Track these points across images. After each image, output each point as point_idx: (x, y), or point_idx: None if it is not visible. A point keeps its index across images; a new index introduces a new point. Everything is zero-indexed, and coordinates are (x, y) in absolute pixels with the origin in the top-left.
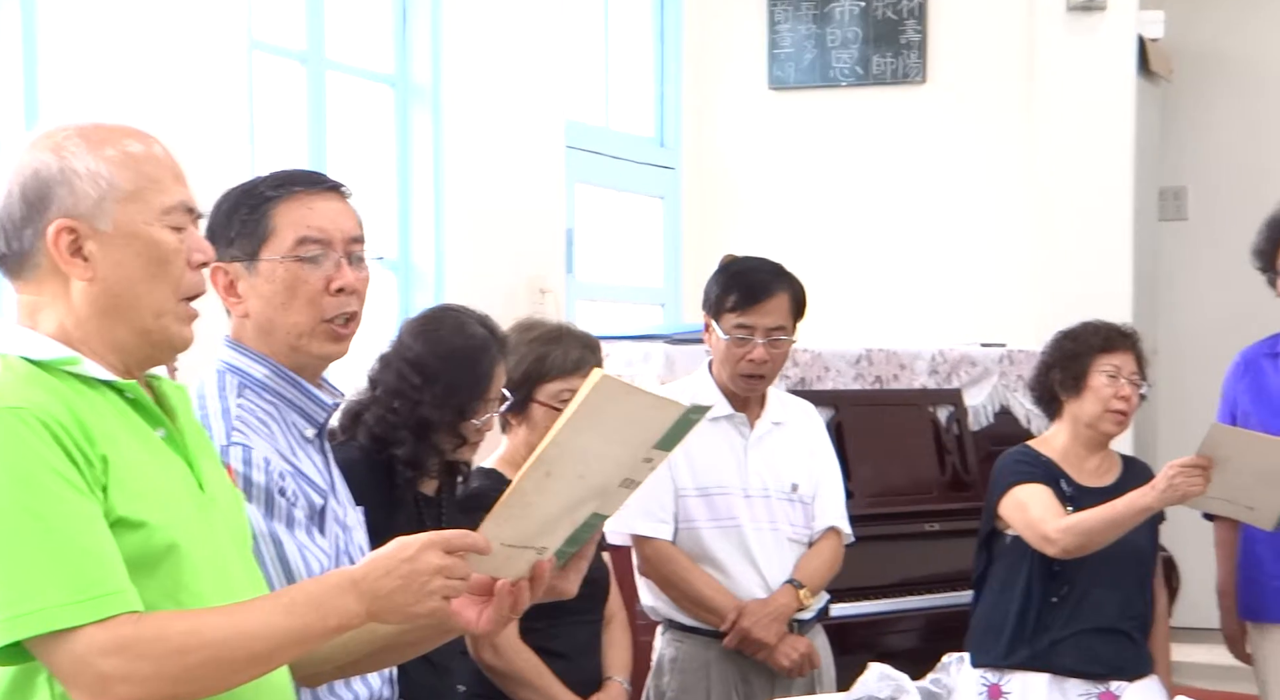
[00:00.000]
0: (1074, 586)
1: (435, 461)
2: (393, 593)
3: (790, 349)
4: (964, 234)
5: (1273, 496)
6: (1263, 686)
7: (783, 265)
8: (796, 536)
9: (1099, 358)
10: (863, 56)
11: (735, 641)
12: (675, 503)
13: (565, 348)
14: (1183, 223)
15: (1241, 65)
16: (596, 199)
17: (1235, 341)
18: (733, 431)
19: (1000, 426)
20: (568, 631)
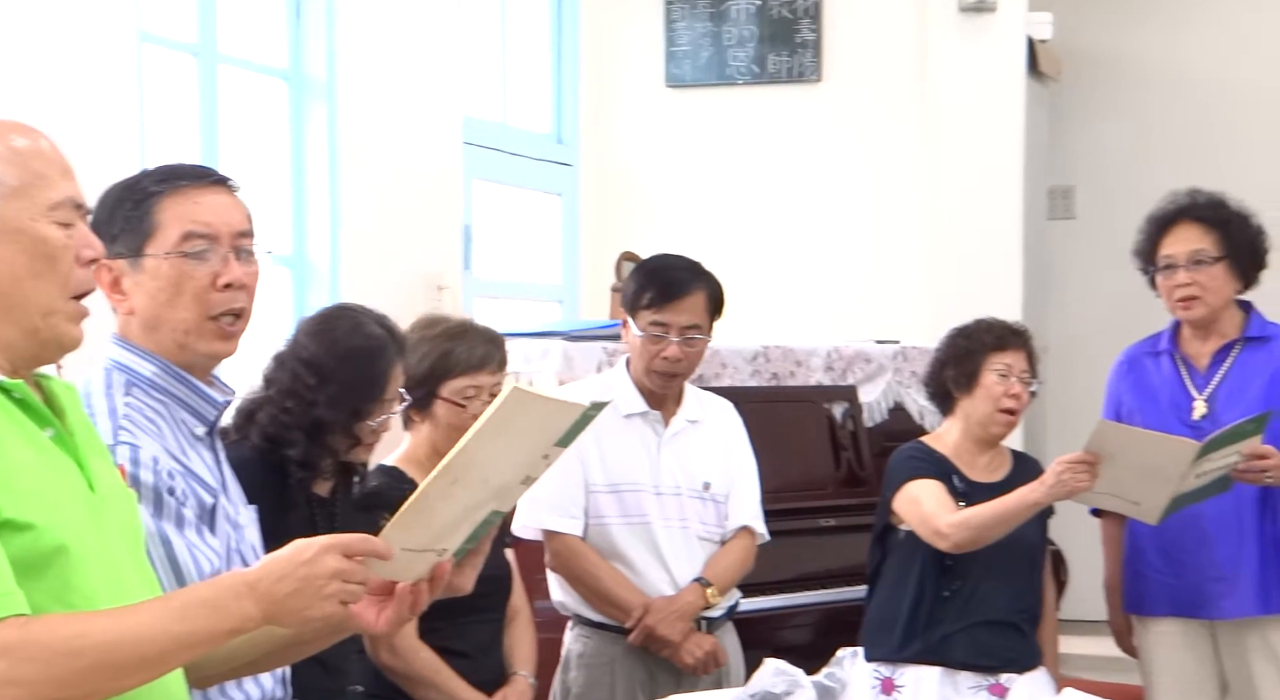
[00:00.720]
0: (966, 581)
1: (329, 462)
2: (289, 597)
3: (706, 348)
4: (858, 232)
5: (1157, 492)
6: (1147, 678)
7: (701, 264)
8: (707, 535)
9: (991, 356)
10: (759, 55)
11: (640, 639)
12: (586, 498)
13: (469, 344)
14: (1071, 221)
15: (1127, 66)
16: (494, 195)
17: (1122, 339)
18: (647, 428)
19: (894, 422)
20: (469, 630)
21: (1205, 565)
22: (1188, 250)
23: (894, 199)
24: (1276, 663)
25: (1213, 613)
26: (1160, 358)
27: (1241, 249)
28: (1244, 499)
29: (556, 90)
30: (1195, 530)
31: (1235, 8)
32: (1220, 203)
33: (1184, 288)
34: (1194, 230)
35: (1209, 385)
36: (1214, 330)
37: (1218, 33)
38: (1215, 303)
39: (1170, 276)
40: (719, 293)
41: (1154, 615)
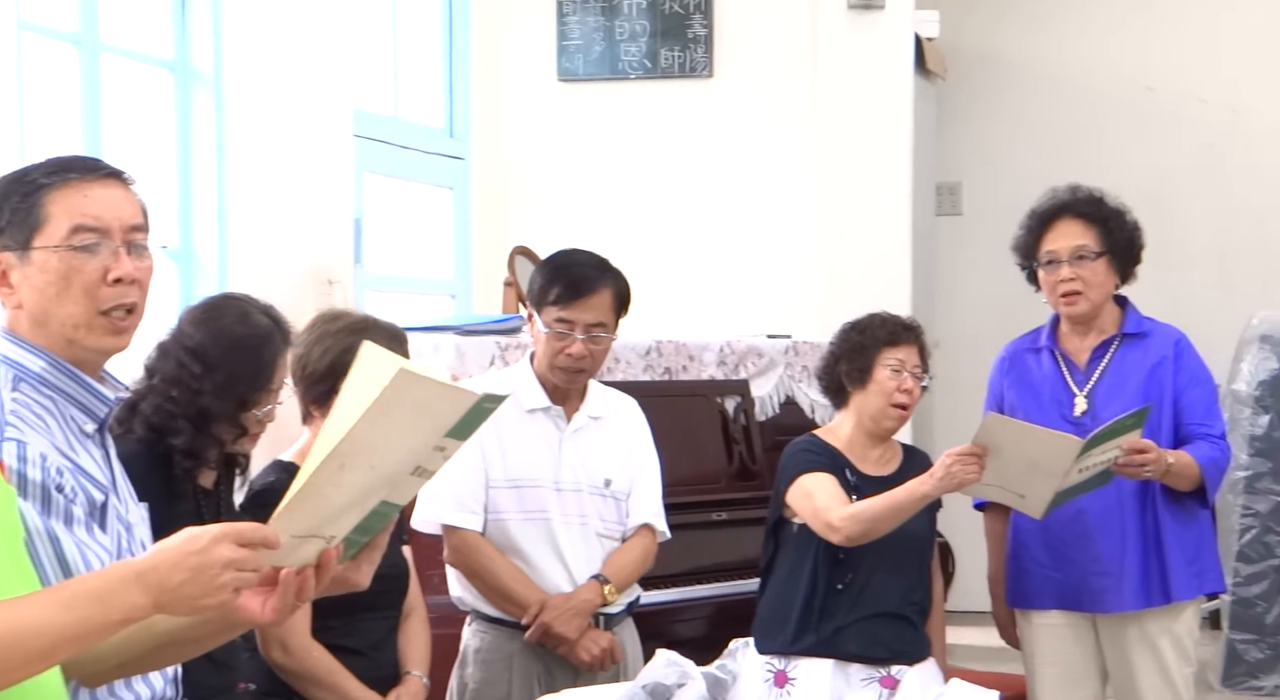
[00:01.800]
0: (857, 574)
1: (214, 453)
2: (181, 585)
3: (611, 345)
4: (749, 227)
5: (1042, 485)
6: (1030, 670)
7: (608, 261)
8: (607, 532)
9: (884, 351)
10: (651, 50)
11: (536, 635)
12: (485, 493)
13: (371, 339)
14: (958, 217)
15: (1011, 64)
16: (385, 189)
17: (1008, 333)
18: (549, 424)
19: (786, 417)
20: (364, 627)
21: (1088, 560)
22: (1070, 246)
23: (784, 194)
24: (1155, 653)
25: (1095, 607)
26: (1041, 354)
27: (1120, 245)
28: (1125, 494)
29: (448, 83)
30: (1078, 525)
31: (1117, 9)
32: (1099, 199)
33: (1067, 282)
34: (1076, 226)
35: (1089, 382)
36: (1093, 326)
37: (1100, 33)
38: (1097, 298)
39: (1053, 272)
40: (626, 291)
41: (1037, 608)
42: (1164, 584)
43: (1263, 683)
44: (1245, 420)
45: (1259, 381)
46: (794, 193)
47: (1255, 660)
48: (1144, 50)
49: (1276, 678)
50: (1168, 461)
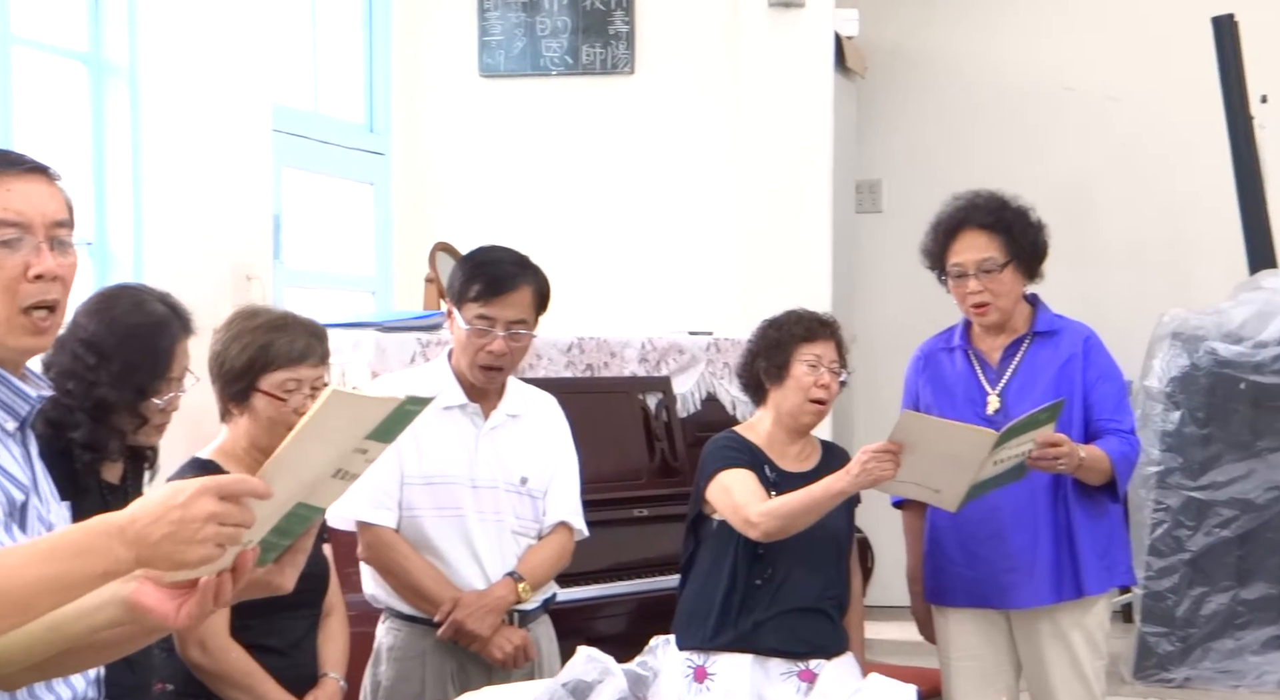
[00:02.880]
0: (776, 569)
1: (116, 444)
2: (162, 540)
3: (531, 343)
4: (671, 224)
5: (957, 479)
6: (944, 665)
7: (528, 258)
8: (523, 530)
9: (801, 347)
10: (572, 46)
11: (449, 633)
12: (400, 490)
13: (290, 336)
14: (878, 215)
15: (929, 63)
16: (305, 184)
17: (927, 330)
18: (466, 421)
19: (707, 413)
20: (283, 626)
21: (1000, 557)
22: (976, 258)
23: (706, 191)
24: (1067, 647)
25: (1007, 603)
26: (954, 353)
27: (1025, 250)
28: (1037, 491)
29: (368, 78)
30: (991, 523)
31: (1033, 9)
32: (1001, 204)
33: (976, 295)
34: (980, 238)
35: (1001, 380)
36: (1005, 326)
37: (1017, 33)
38: (1006, 306)
39: (962, 284)
40: (546, 288)
41: (951, 605)
42: (1075, 578)
43: (1173, 675)
44: (1157, 416)
45: (1170, 378)
46: (715, 190)
47: (1166, 652)
48: (1061, 50)
49: (1186, 670)
50: (1080, 455)
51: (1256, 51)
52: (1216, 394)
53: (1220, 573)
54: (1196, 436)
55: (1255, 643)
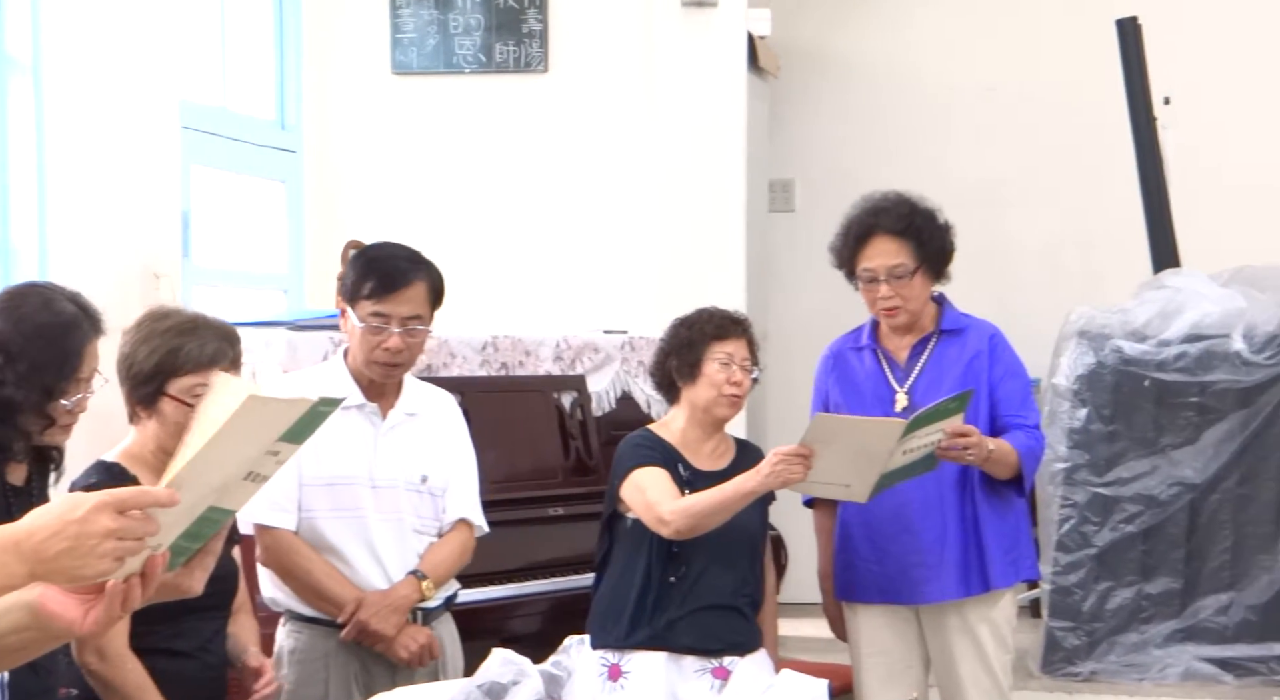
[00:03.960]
0: (690, 566)
1: (21, 445)
2: (60, 555)
3: (427, 338)
4: (585, 222)
5: (867, 470)
6: (855, 661)
7: (421, 253)
8: (424, 528)
9: (713, 345)
10: (485, 44)
11: (353, 633)
12: (299, 492)
13: (200, 340)
14: (790, 214)
15: (843, 62)
16: (214, 181)
17: (839, 327)
18: (363, 421)
19: (622, 411)
20: (192, 629)
21: (909, 552)
22: (887, 265)
23: (620, 190)
24: (975, 641)
25: (916, 598)
26: (863, 352)
27: (934, 254)
28: (945, 486)
29: (279, 75)
30: (900, 519)
31: (943, 10)
32: (910, 209)
33: (887, 300)
34: (890, 244)
35: (909, 378)
36: (912, 326)
37: (926, 33)
38: (916, 308)
39: (873, 289)
40: (440, 282)
41: (862, 601)
42: (983, 573)
43: (1079, 668)
44: (1064, 413)
45: (1077, 375)
46: (629, 188)
47: (1072, 646)
48: (970, 51)
49: (1092, 663)
50: (989, 447)
51: (1160, 53)
52: (1122, 391)
53: (1125, 568)
54: (1102, 433)
55: (1159, 636)
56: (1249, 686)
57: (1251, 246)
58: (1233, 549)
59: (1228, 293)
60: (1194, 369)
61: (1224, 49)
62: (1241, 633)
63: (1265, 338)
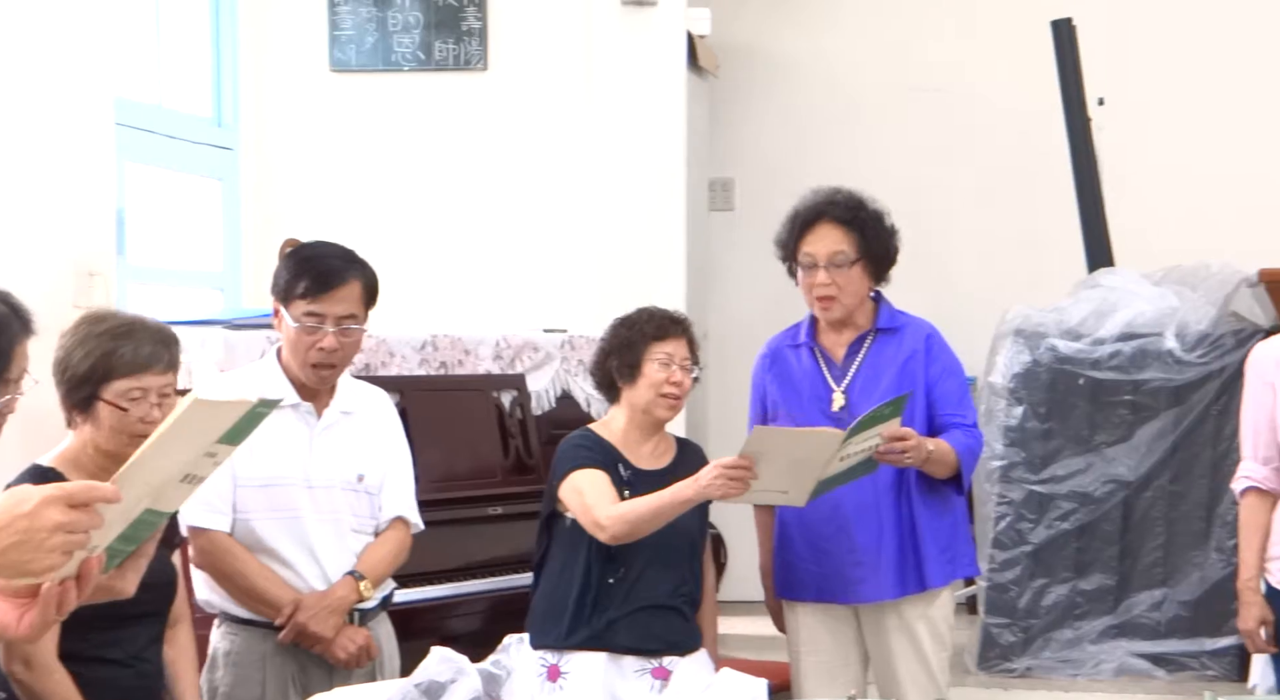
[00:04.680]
0: (630, 567)
1: None
2: (8, 549)
3: (362, 337)
4: (525, 221)
5: (805, 477)
6: (794, 660)
7: (355, 251)
8: (361, 527)
9: (653, 345)
10: (424, 42)
11: (291, 635)
12: (234, 493)
13: (136, 343)
14: (730, 213)
15: (782, 62)
16: (150, 179)
17: (779, 325)
18: (298, 421)
19: (562, 411)
20: (127, 636)
21: (845, 552)
22: (828, 251)
23: (560, 189)
24: (913, 640)
25: (853, 597)
26: (800, 350)
27: (876, 251)
28: (881, 486)
29: (215, 71)
30: (836, 519)
31: (882, 10)
32: (859, 204)
33: (823, 287)
34: (834, 232)
35: (845, 377)
36: (849, 323)
37: (866, 32)
38: (850, 302)
39: (811, 274)
40: (374, 281)
41: (800, 600)
42: (919, 572)
43: (1015, 665)
44: (1000, 411)
45: (1013, 374)
46: (569, 187)
47: (1008, 643)
48: (908, 51)
49: (1028, 660)
50: (927, 448)
51: (1094, 54)
52: (1057, 390)
53: (1060, 564)
54: (1038, 431)
55: (1093, 632)
56: (1181, 681)
57: (1183, 246)
58: (1165, 546)
59: (1160, 292)
60: (1127, 367)
61: (1157, 50)
62: (1174, 628)
63: (1197, 336)
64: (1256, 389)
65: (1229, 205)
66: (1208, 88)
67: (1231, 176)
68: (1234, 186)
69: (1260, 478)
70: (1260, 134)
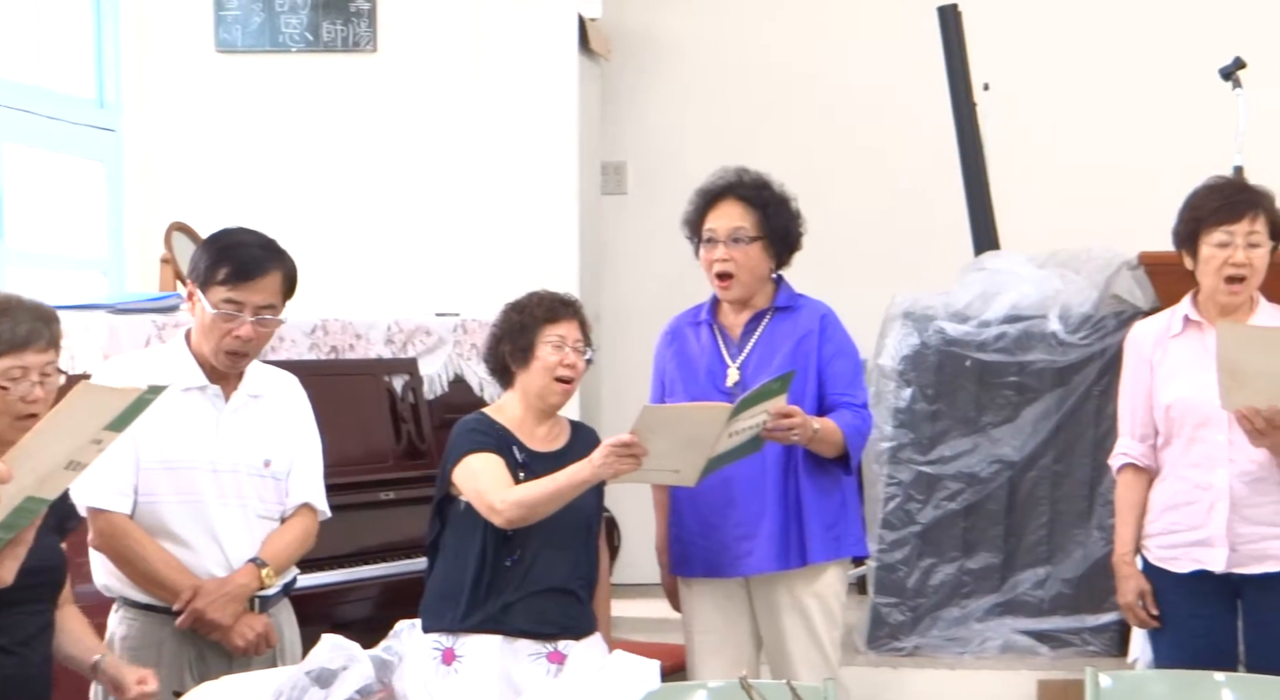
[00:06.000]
0: (525, 550)
1: None
2: None
3: (277, 328)
4: (417, 204)
5: (695, 455)
6: (688, 637)
7: (277, 242)
8: (266, 513)
9: (545, 328)
10: (312, 23)
11: (189, 621)
12: (136, 475)
13: (13, 321)
14: (623, 196)
15: (673, 46)
16: (30, 161)
17: (672, 309)
18: (206, 404)
19: (455, 395)
20: (12, 624)
21: (731, 525)
22: (729, 227)
23: (451, 172)
24: (804, 618)
25: (738, 571)
26: (700, 328)
27: (778, 231)
28: (769, 462)
29: (98, 51)
30: (724, 494)
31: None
32: (764, 184)
33: (722, 263)
34: (737, 208)
35: (741, 354)
36: (748, 303)
37: (755, 18)
38: (749, 281)
39: (711, 249)
40: (294, 273)
41: (692, 576)
42: (801, 547)
43: (903, 643)
44: (890, 393)
45: (902, 356)
46: (460, 170)
47: (897, 622)
48: (799, 36)
49: (916, 638)
50: (813, 427)
51: (980, 40)
52: (945, 372)
53: (948, 544)
54: (926, 413)
55: (979, 611)
56: (1064, 657)
57: (1067, 229)
58: (1049, 524)
59: (1044, 274)
60: (1013, 349)
61: (1041, 36)
62: (1057, 606)
63: (1080, 318)
64: (1134, 367)
65: (1110, 189)
66: (1090, 73)
67: (1113, 161)
68: (1115, 171)
69: (1137, 455)
70: (1141, 118)
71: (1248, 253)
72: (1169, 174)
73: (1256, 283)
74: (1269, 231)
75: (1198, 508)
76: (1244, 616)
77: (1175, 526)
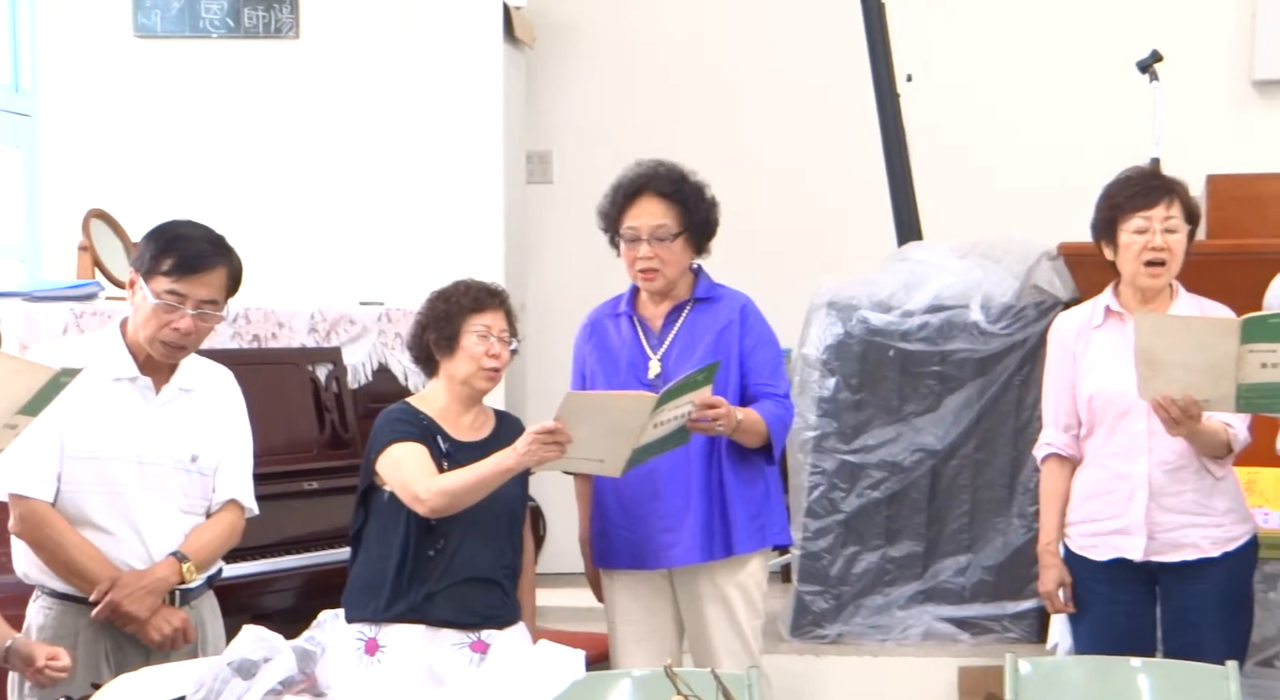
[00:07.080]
0: (449, 539)
1: None
2: None
3: (216, 324)
4: (340, 193)
5: (621, 445)
6: (611, 629)
7: (224, 238)
8: (191, 508)
9: (470, 318)
10: (233, 8)
11: (105, 613)
12: (60, 463)
13: None
14: (549, 185)
15: (598, 36)
16: None
17: (598, 298)
18: (135, 395)
19: (379, 384)
20: None
21: (655, 517)
22: (651, 224)
23: (375, 160)
24: (727, 607)
25: (662, 562)
26: (620, 319)
27: (698, 224)
28: (692, 453)
29: (13, 35)
30: (648, 485)
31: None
32: (681, 176)
33: (646, 260)
34: (657, 205)
35: (662, 345)
36: (668, 294)
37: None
38: (673, 275)
39: (633, 248)
40: (239, 271)
41: (616, 568)
42: (726, 538)
43: (827, 631)
44: (814, 383)
45: (826, 345)
46: (383, 159)
47: (821, 610)
48: (723, 26)
49: (840, 626)
50: (737, 417)
51: (903, 31)
52: (868, 361)
53: (871, 532)
54: (850, 402)
55: (901, 598)
56: (984, 644)
57: (989, 220)
58: (970, 513)
59: (965, 265)
60: (935, 339)
61: (963, 27)
62: (978, 593)
63: (1000, 308)
64: (1057, 358)
65: (1031, 180)
66: (1011, 65)
67: (1033, 152)
68: (1035, 162)
69: (1061, 445)
70: (1060, 111)
71: (1165, 237)
72: (1088, 165)
73: (1175, 268)
74: (1185, 216)
75: (1117, 496)
76: (1161, 603)
77: (1096, 515)
